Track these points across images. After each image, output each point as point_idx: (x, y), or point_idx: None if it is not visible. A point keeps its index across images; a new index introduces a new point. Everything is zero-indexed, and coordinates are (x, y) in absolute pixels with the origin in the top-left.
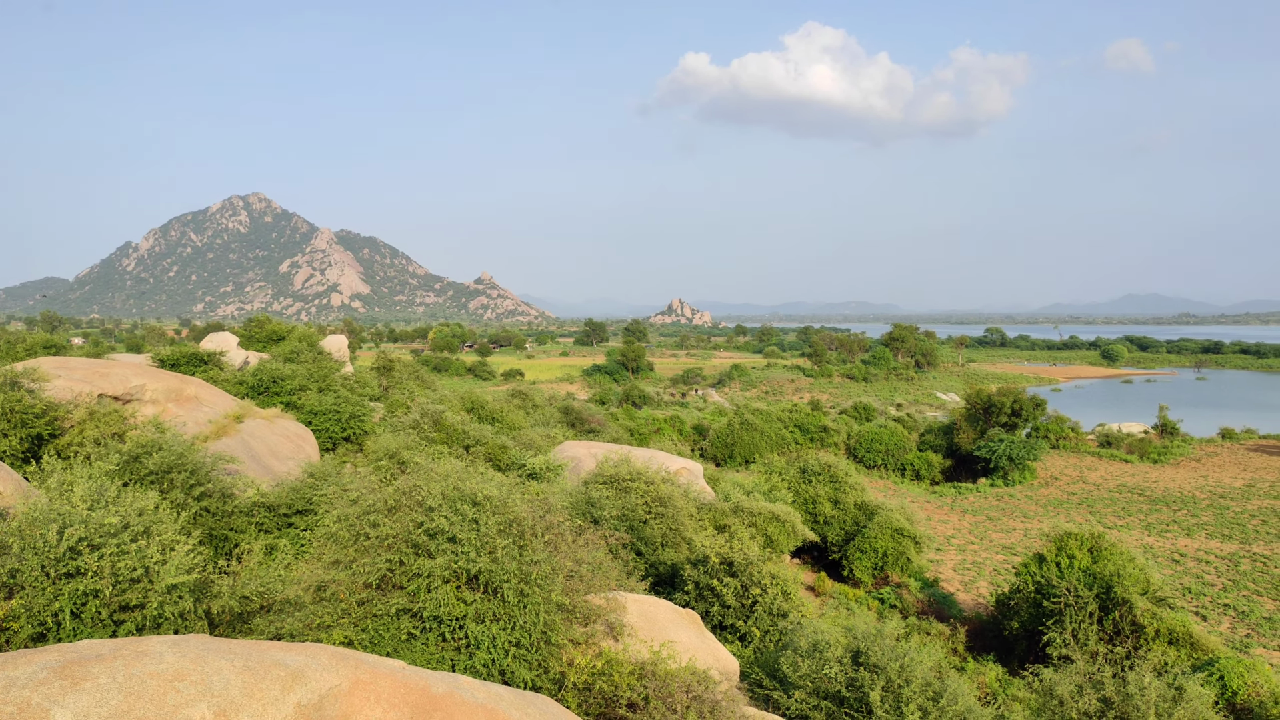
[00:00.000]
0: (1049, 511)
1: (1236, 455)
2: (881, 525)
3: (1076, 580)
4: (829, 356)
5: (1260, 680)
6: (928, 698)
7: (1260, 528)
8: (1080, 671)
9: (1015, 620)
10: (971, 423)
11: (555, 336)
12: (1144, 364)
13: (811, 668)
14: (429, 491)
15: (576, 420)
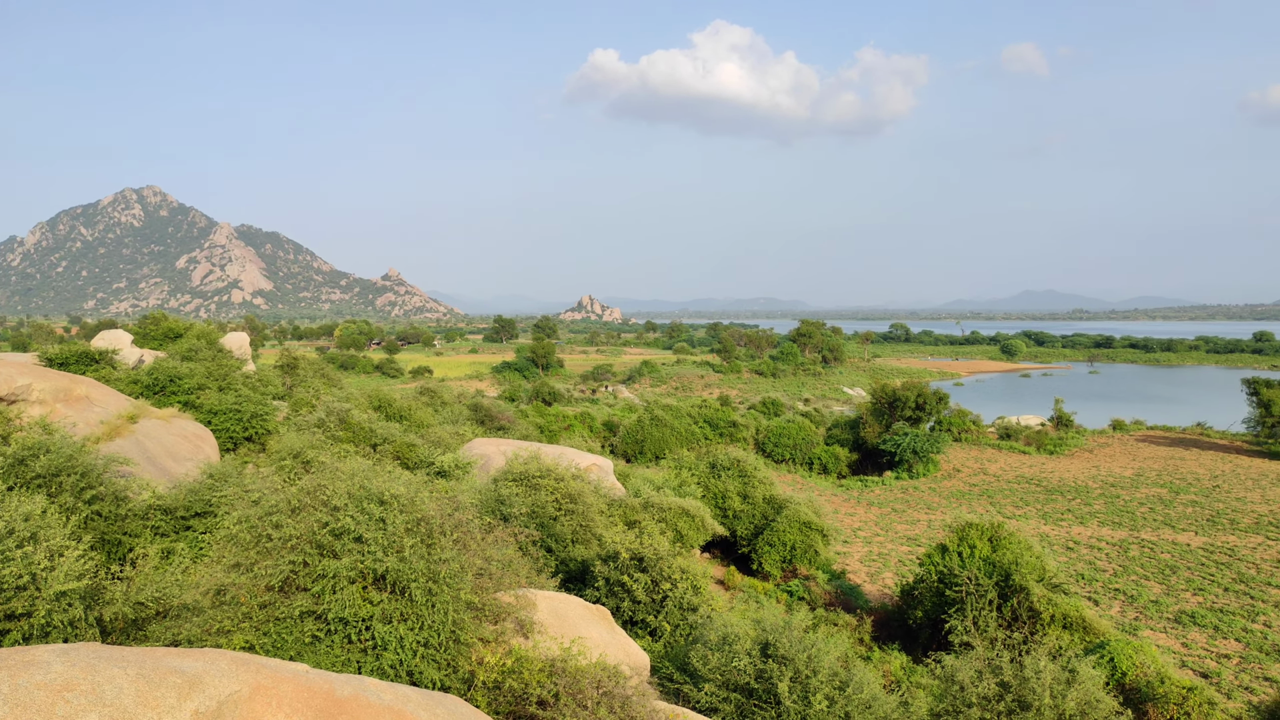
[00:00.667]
0: (952, 503)
1: (1126, 446)
2: (790, 519)
3: (977, 569)
4: (738, 352)
5: (1147, 661)
6: (834, 687)
7: (1148, 515)
8: (980, 657)
9: (919, 609)
10: (877, 417)
11: (464, 333)
12: (1041, 358)
13: (721, 661)
14: (334, 491)
15: (486, 417)
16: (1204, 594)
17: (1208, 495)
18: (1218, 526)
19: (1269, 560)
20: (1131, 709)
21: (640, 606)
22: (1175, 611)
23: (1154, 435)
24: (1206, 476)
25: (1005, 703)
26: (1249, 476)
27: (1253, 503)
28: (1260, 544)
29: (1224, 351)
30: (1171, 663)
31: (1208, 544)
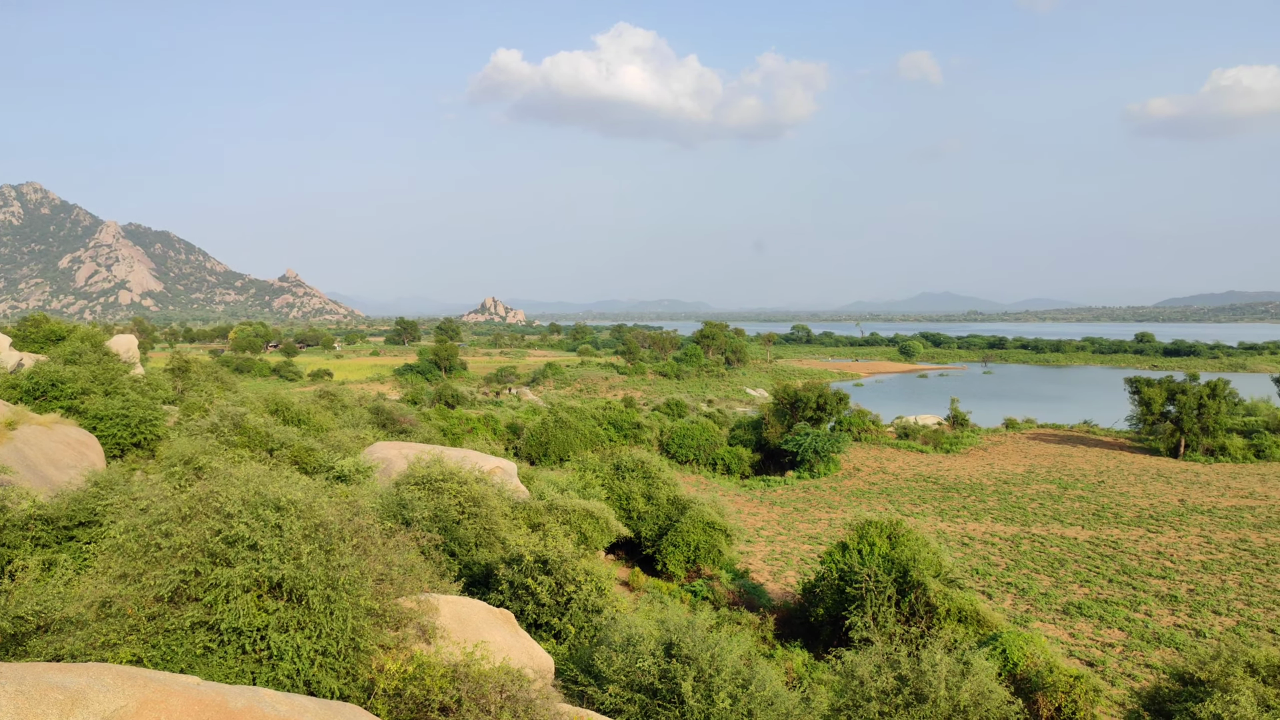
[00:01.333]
0: (852, 501)
1: (1018, 443)
2: (693, 519)
3: (877, 566)
4: (642, 354)
5: (1037, 652)
6: (737, 685)
7: (1038, 510)
8: (879, 652)
9: (820, 607)
10: (779, 417)
11: (365, 336)
12: (938, 359)
13: (625, 662)
14: (228, 497)
15: (388, 421)
16: (1090, 586)
17: (1094, 491)
18: (1103, 520)
19: (1149, 552)
20: (1022, 698)
21: (544, 609)
22: (1063, 603)
23: (1044, 433)
24: (1093, 473)
25: (903, 696)
26: (1131, 472)
27: (1135, 497)
28: (1142, 537)
29: (1108, 352)
30: (1060, 652)
31: (1094, 537)
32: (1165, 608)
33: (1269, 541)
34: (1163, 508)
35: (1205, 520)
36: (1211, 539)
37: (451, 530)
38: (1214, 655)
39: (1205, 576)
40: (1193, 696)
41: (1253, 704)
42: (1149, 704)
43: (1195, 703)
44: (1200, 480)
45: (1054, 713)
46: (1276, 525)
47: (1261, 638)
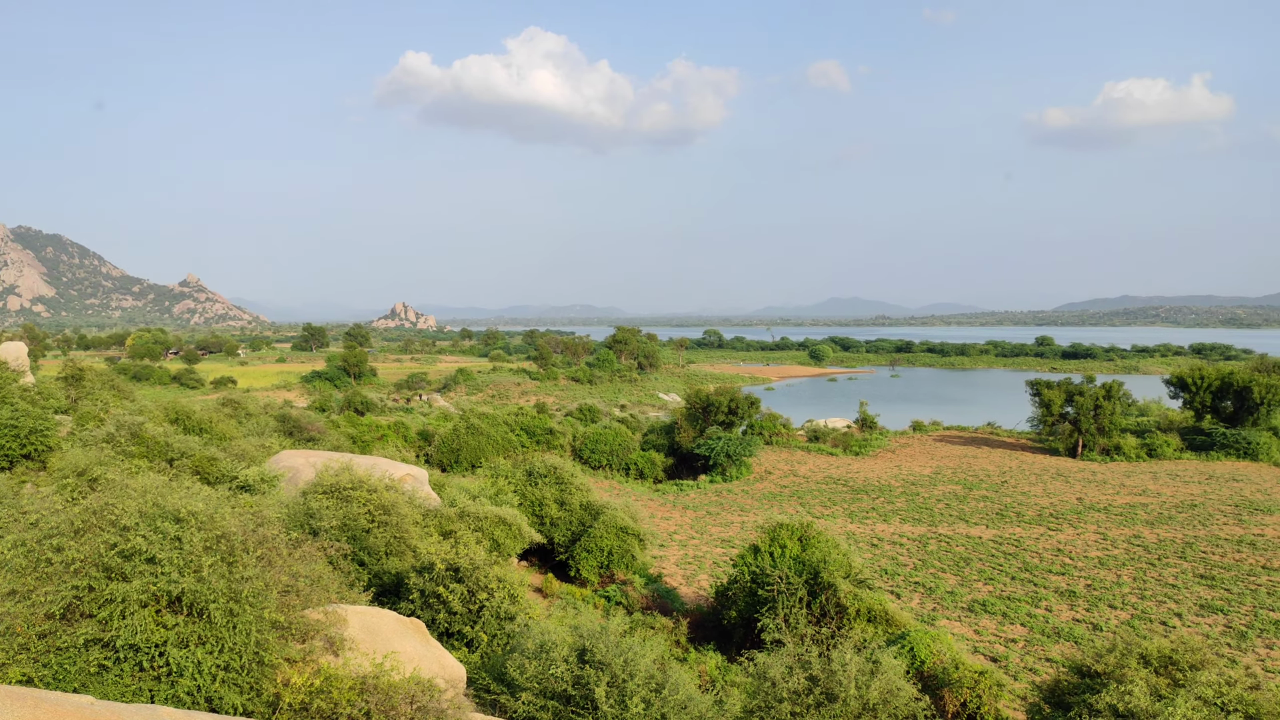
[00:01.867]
0: (764, 504)
1: (925, 445)
2: (607, 524)
3: (788, 568)
4: (554, 359)
5: (944, 649)
6: (651, 689)
7: (944, 511)
8: (791, 653)
9: (733, 609)
10: (692, 422)
11: (271, 342)
12: (847, 363)
13: (538, 669)
14: (124, 509)
15: (295, 429)
16: (994, 583)
17: (997, 491)
18: (1006, 520)
19: (1049, 550)
20: (929, 695)
21: (456, 617)
22: (969, 601)
23: (950, 435)
24: (996, 473)
25: (814, 696)
26: (1032, 472)
27: (1035, 496)
28: (1042, 535)
29: (1011, 355)
30: (965, 649)
31: (997, 536)
32: (1064, 603)
33: (1161, 537)
34: (1062, 506)
35: (1102, 518)
36: (1107, 536)
37: (361, 539)
38: (1110, 648)
39: (1102, 572)
40: (1090, 688)
41: (1146, 694)
42: (1049, 697)
43: (1092, 694)
44: (1097, 479)
45: (960, 708)
46: (1168, 521)
47: (1154, 630)
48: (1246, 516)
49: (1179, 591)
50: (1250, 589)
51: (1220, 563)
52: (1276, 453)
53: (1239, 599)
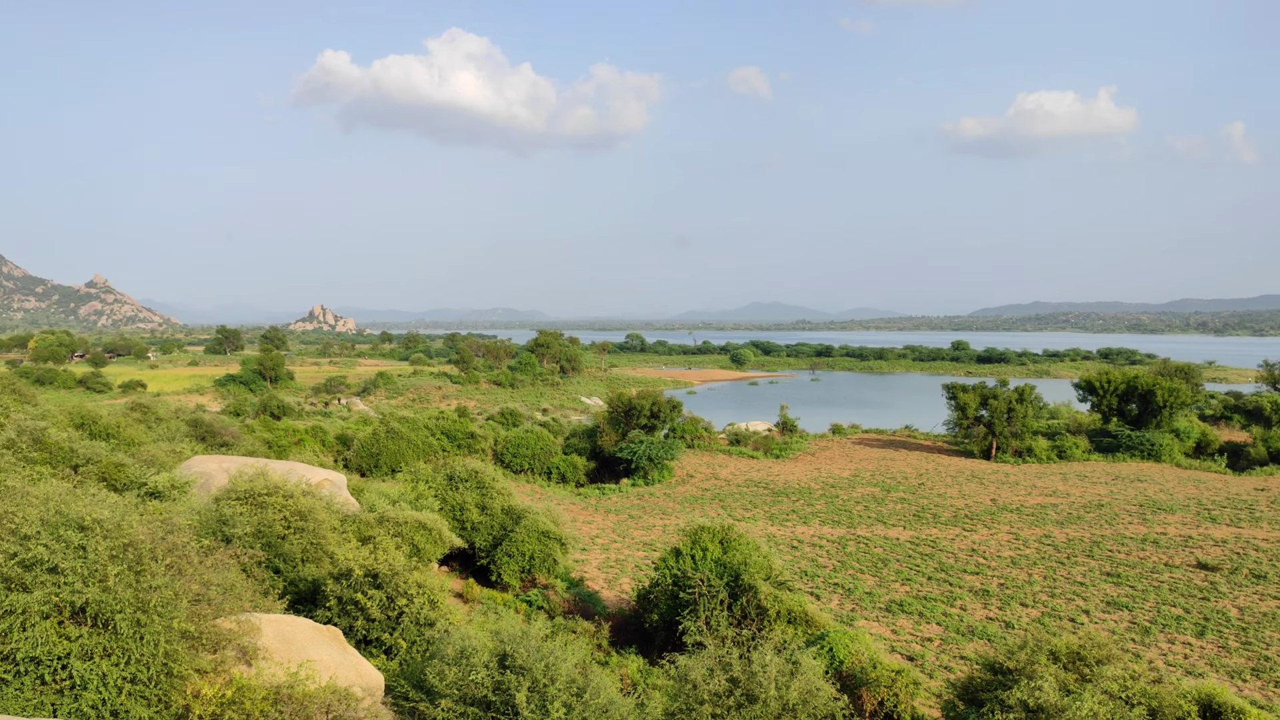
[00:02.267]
0: (686, 507)
1: (844, 448)
2: (528, 529)
3: (709, 571)
4: (476, 363)
5: (862, 649)
6: (572, 694)
7: (863, 513)
8: (712, 655)
9: (655, 612)
10: (614, 425)
11: (183, 345)
12: (768, 366)
13: (458, 675)
14: (24, 518)
15: (208, 433)
16: (911, 583)
17: (914, 492)
18: (922, 521)
19: (964, 550)
20: (847, 694)
21: (375, 624)
22: (886, 601)
23: (869, 438)
24: (913, 475)
25: (735, 697)
26: (948, 474)
27: (951, 498)
28: (957, 535)
29: (928, 359)
30: (883, 649)
31: (914, 537)
32: (978, 602)
33: (1070, 536)
34: (976, 507)
35: (1014, 518)
36: (1019, 535)
37: (276, 546)
38: (1021, 645)
39: (1014, 571)
40: (1002, 684)
41: (1054, 689)
42: (963, 694)
43: (1004, 690)
44: (1010, 480)
45: (877, 707)
46: (1076, 521)
47: (1063, 627)
48: (1150, 516)
49: (1087, 589)
50: (1153, 586)
51: (1125, 561)
52: (1178, 454)
53: (1143, 595)
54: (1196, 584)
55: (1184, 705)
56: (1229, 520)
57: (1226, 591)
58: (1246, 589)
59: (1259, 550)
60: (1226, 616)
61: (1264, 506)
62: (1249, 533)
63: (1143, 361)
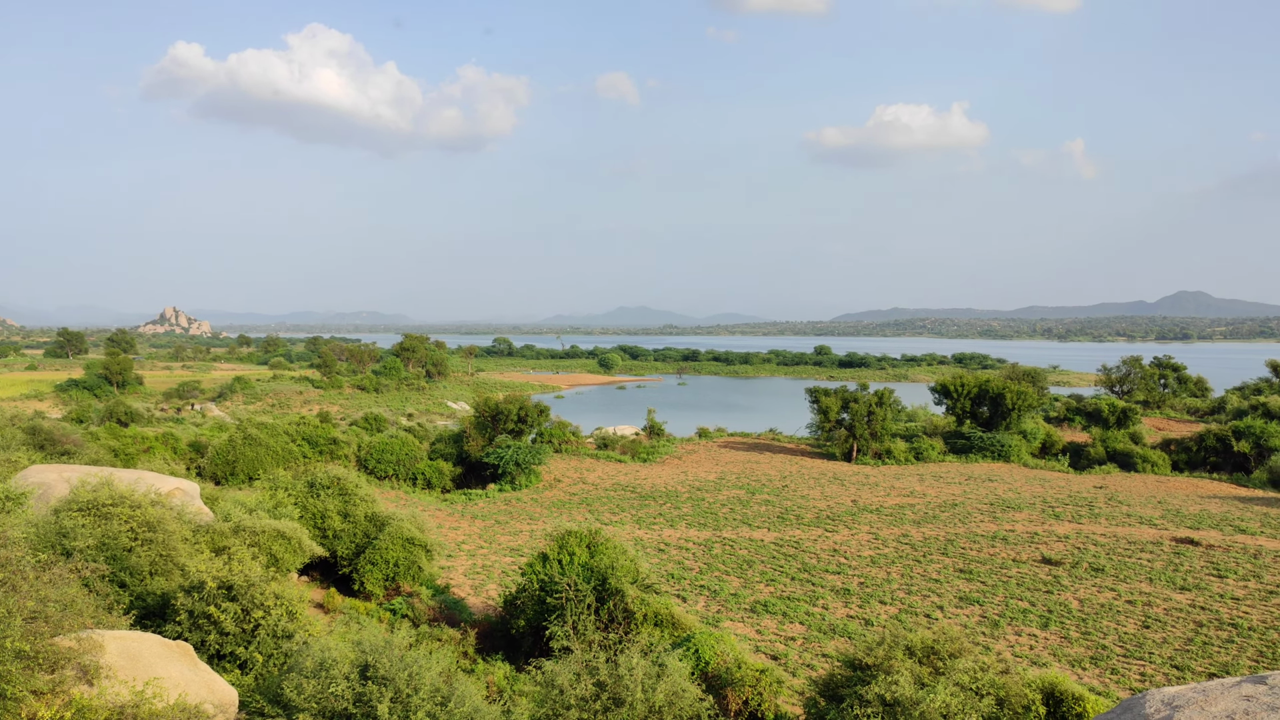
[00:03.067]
0: (553, 512)
1: (710, 451)
2: (392, 536)
3: (576, 575)
4: (339, 367)
5: (727, 650)
6: (436, 703)
7: (729, 515)
8: (578, 660)
9: (522, 618)
10: (481, 430)
11: (20, 348)
12: (635, 371)
13: (317, 688)
14: None
15: (47, 441)
16: (775, 584)
17: (778, 494)
18: (786, 522)
19: (826, 550)
20: (713, 695)
21: (229, 638)
22: (751, 602)
23: (734, 441)
24: (777, 477)
25: (601, 701)
26: (811, 476)
27: (814, 499)
28: (820, 536)
29: (792, 364)
30: (748, 649)
31: (778, 538)
32: (840, 601)
33: (926, 535)
34: (838, 508)
35: (874, 518)
36: (879, 535)
37: (122, 559)
38: (879, 641)
39: (873, 570)
40: (861, 680)
41: (910, 682)
42: (824, 690)
43: (863, 685)
44: (870, 482)
45: (742, 706)
46: (932, 520)
47: (919, 622)
48: (1000, 514)
49: (941, 585)
50: (1002, 581)
51: (977, 557)
52: (1025, 454)
53: (993, 590)
54: (1041, 578)
55: (1029, 694)
56: (1071, 517)
57: (1068, 585)
58: (1086, 582)
59: (1097, 545)
60: (1068, 608)
61: (1102, 503)
62: (1089, 528)
63: (994, 366)
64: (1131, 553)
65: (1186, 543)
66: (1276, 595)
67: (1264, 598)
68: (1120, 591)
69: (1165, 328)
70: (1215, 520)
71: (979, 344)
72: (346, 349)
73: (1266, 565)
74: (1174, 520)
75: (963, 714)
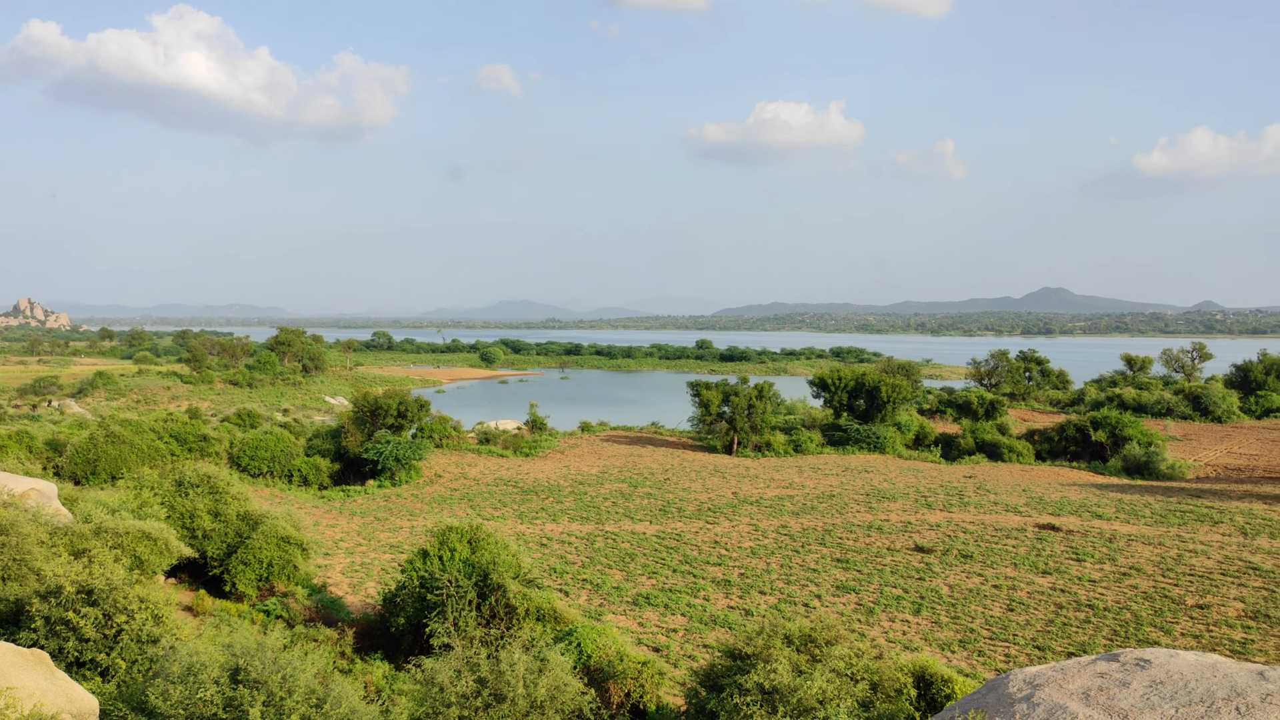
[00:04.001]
0: (434, 508)
1: (593, 445)
2: (266, 534)
3: (457, 571)
4: (210, 362)
5: (609, 643)
6: (311, 705)
7: (611, 509)
8: (459, 656)
9: (401, 616)
10: (359, 425)
11: None
12: (518, 365)
13: (184, 694)
14: None
15: None
16: (657, 577)
17: (660, 488)
18: (668, 515)
19: (708, 542)
20: (595, 687)
21: (89, 645)
22: (633, 595)
23: (617, 435)
24: (659, 471)
25: (483, 697)
26: (692, 469)
27: (695, 492)
28: (701, 528)
29: (674, 358)
30: (630, 641)
31: (660, 531)
32: (721, 592)
33: (804, 526)
34: (719, 501)
35: (754, 510)
36: (759, 526)
37: None
38: (758, 631)
39: (753, 561)
40: (740, 669)
41: (788, 670)
42: (704, 680)
43: (742, 674)
44: (750, 474)
45: (624, 698)
46: (810, 511)
47: (797, 611)
48: (875, 504)
49: (819, 575)
50: (877, 569)
51: (854, 547)
52: (900, 445)
53: (868, 579)
54: (914, 566)
55: (901, 678)
56: (942, 506)
57: (939, 571)
58: (956, 568)
59: (966, 532)
60: (939, 594)
61: (971, 492)
62: (959, 516)
63: (870, 360)
64: (998, 539)
65: (1048, 529)
66: (1129, 577)
67: (1118, 579)
68: (987, 577)
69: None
70: (1075, 507)
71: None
72: (218, 343)
73: (1120, 549)
74: (1037, 507)
75: (838, 699)
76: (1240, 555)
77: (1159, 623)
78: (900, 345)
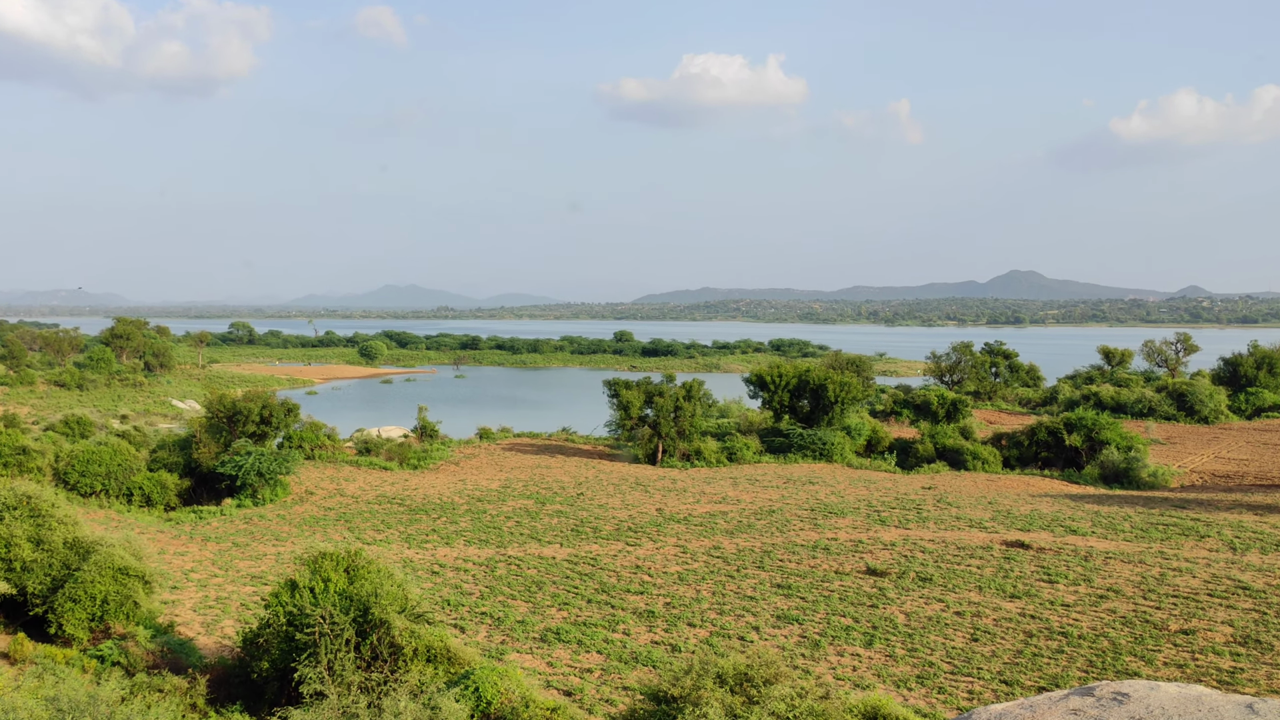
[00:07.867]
0: (305, 531)
1: (494, 455)
2: (100, 565)
3: (332, 605)
4: (31, 359)
5: (513, 686)
6: None
7: (514, 530)
8: (334, 706)
9: (265, 659)
10: (214, 434)
11: None
12: (404, 361)
13: None
14: None
15: None
16: (569, 608)
17: (572, 504)
18: (581, 536)
19: (628, 567)
20: None
21: None
22: (541, 630)
23: (521, 443)
24: (571, 484)
25: None
26: (610, 482)
27: (614, 509)
28: (620, 550)
29: (588, 352)
30: (537, 684)
31: (573, 555)
32: (643, 624)
33: (740, 547)
34: (641, 518)
35: (681, 529)
36: (687, 548)
37: None
38: (686, 670)
39: (681, 588)
40: (666, 714)
41: (721, 714)
42: None
43: None
44: (677, 487)
45: None
46: (747, 530)
47: (732, 646)
48: (821, 520)
49: (757, 603)
50: (824, 595)
51: (796, 570)
52: (849, 453)
53: (813, 607)
54: (866, 591)
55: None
56: (898, 522)
57: (894, 597)
58: (913, 593)
59: (925, 552)
60: (894, 623)
61: (930, 506)
62: (916, 533)
63: (815, 354)
64: (961, 559)
65: (1017, 546)
66: (1107, 600)
67: (1094, 603)
68: (949, 602)
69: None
70: (1046, 521)
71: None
72: (41, 336)
73: (1097, 567)
74: (1004, 522)
75: None
76: (1228, 573)
77: (1139, 651)
78: (850, 337)
